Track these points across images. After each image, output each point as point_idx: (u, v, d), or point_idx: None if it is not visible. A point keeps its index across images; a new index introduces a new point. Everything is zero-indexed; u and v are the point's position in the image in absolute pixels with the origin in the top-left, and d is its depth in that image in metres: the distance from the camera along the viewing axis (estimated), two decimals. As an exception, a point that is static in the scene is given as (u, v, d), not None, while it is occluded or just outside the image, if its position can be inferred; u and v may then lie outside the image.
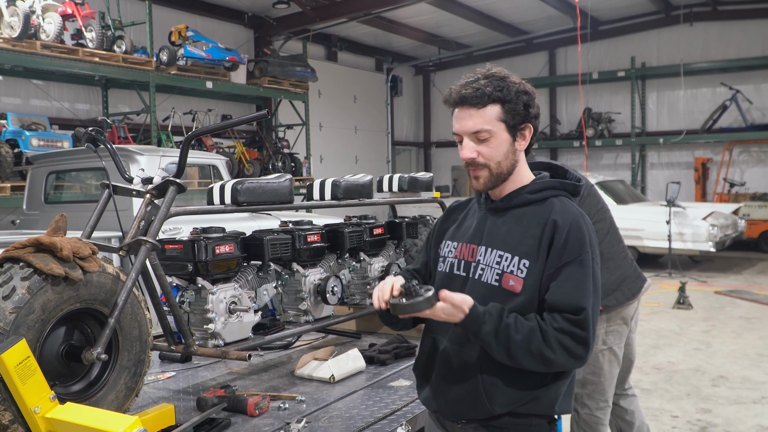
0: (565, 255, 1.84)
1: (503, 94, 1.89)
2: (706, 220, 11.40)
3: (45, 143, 7.77)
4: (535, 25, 15.96)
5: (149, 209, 2.74)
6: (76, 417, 2.02)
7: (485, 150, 1.89)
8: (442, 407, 1.98)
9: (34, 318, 2.14)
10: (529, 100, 1.93)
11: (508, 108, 1.89)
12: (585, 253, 1.85)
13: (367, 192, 3.80)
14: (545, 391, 1.89)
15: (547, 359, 1.80)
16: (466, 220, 2.07)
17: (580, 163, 16.19)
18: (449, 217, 2.15)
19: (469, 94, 1.88)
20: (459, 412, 1.94)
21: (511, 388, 1.86)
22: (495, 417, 1.88)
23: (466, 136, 1.90)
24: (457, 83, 1.94)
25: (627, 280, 3.36)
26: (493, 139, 1.89)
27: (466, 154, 1.90)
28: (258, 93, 12.18)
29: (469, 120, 1.88)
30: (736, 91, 15.21)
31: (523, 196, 1.95)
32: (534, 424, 1.91)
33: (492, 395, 1.87)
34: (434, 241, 2.14)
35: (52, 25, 8.21)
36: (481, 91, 1.87)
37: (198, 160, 6.75)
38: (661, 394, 5.64)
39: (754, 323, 8.13)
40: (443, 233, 2.11)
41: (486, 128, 1.88)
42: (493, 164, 1.90)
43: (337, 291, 3.53)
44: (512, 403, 1.87)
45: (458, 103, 1.91)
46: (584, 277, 1.84)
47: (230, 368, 3.49)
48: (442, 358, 1.97)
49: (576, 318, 1.80)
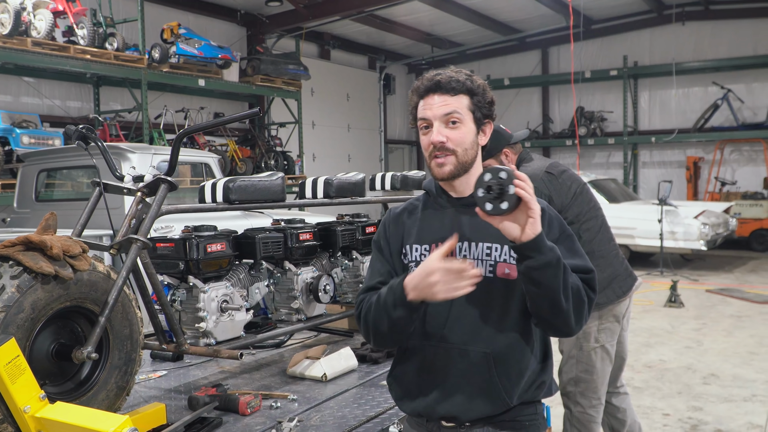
0: (552, 233, 1.89)
1: (473, 85, 1.92)
2: (698, 219, 11.45)
3: (36, 141, 7.73)
4: (528, 23, 15.98)
5: (140, 207, 2.73)
6: (67, 416, 2.01)
7: (454, 135, 1.89)
8: (452, 411, 1.89)
9: (23, 317, 2.13)
10: (492, 98, 1.97)
11: (476, 100, 1.92)
12: (567, 229, 1.95)
13: (360, 190, 3.79)
14: (545, 375, 1.93)
15: (582, 302, 1.81)
16: (426, 222, 1.99)
17: (572, 161, 16.24)
18: (398, 222, 2.04)
19: (444, 80, 1.90)
20: (473, 412, 1.88)
21: (521, 376, 1.88)
22: (504, 411, 1.88)
23: (437, 121, 1.90)
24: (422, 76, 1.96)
25: (618, 278, 3.37)
26: (462, 126, 1.90)
27: (436, 138, 1.89)
28: (250, 91, 12.14)
29: (441, 104, 1.90)
30: (727, 90, 15.29)
31: None
32: (538, 411, 1.95)
33: (508, 387, 1.86)
34: (392, 248, 2.01)
35: (43, 22, 8.15)
36: (455, 79, 1.90)
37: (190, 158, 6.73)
38: (653, 392, 5.67)
39: (745, 321, 8.17)
40: (400, 238, 2.01)
41: (458, 111, 1.90)
42: (461, 150, 1.90)
43: (329, 289, 3.53)
44: (525, 391, 1.89)
45: (431, 90, 1.91)
46: (577, 246, 1.93)
47: (222, 367, 3.48)
48: (444, 361, 1.90)
49: (587, 277, 1.88)
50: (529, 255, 1.71)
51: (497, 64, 17.85)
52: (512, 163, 3.53)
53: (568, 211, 3.29)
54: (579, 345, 3.36)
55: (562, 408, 3.51)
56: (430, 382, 1.92)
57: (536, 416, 1.94)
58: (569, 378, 3.40)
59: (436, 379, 1.92)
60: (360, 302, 1.97)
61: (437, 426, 1.94)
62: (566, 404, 3.46)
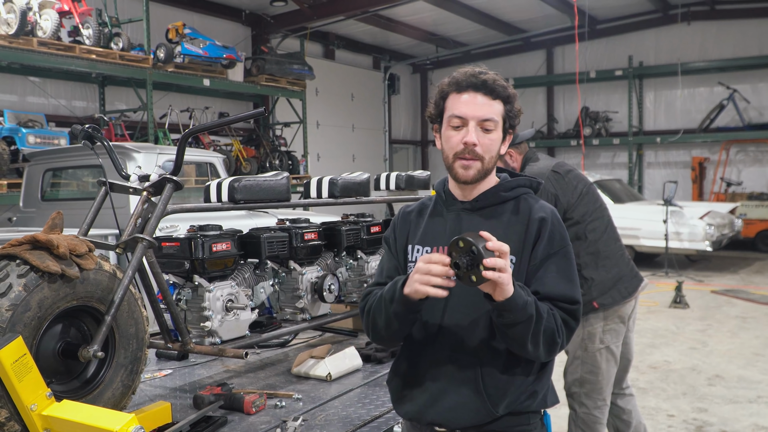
0: (551, 246, 1.88)
1: (509, 93, 1.89)
2: (703, 220, 11.42)
3: (42, 140, 7.75)
4: (533, 23, 15.96)
5: (146, 207, 2.74)
6: (73, 414, 2.02)
7: (486, 141, 1.86)
8: (438, 417, 1.90)
9: (30, 315, 2.14)
10: (519, 108, 1.94)
11: (508, 108, 1.89)
12: (567, 245, 1.91)
13: (364, 190, 3.79)
14: (539, 385, 1.90)
15: (555, 344, 1.80)
16: (431, 224, 1.99)
17: (577, 162, 16.19)
18: (406, 220, 2.06)
19: (490, 81, 1.85)
20: (458, 420, 1.88)
21: (511, 386, 1.86)
22: (494, 420, 1.86)
23: (474, 122, 1.85)
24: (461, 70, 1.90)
25: (624, 278, 3.36)
26: (494, 133, 1.88)
27: (471, 138, 1.83)
28: (255, 91, 12.15)
29: (483, 106, 1.85)
30: (733, 90, 15.23)
31: (499, 195, 1.94)
32: (531, 422, 1.91)
33: (494, 397, 1.85)
34: (398, 246, 2.04)
35: (49, 22, 8.18)
36: (499, 84, 1.87)
37: (195, 157, 6.74)
38: (657, 393, 5.65)
39: (750, 323, 8.14)
40: (405, 237, 2.03)
41: (495, 119, 1.86)
42: (488, 158, 1.88)
43: (334, 289, 3.53)
44: (513, 401, 1.86)
45: (474, 87, 1.85)
46: (572, 269, 1.90)
47: (227, 366, 3.49)
48: (434, 367, 1.91)
49: (571, 308, 1.85)
50: (500, 313, 1.73)
51: (502, 64, 17.81)
52: (517, 163, 3.53)
53: (574, 211, 3.28)
54: (584, 346, 3.35)
55: (567, 409, 3.50)
56: (420, 388, 1.93)
57: (528, 427, 1.90)
58: (574, 379, 3.40)
59: (426, 385, 1.92)
60: (366, 295, 2.00)
61: (430, 430, 1.94)
62: (571, 405, 3.46)
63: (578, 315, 1.86)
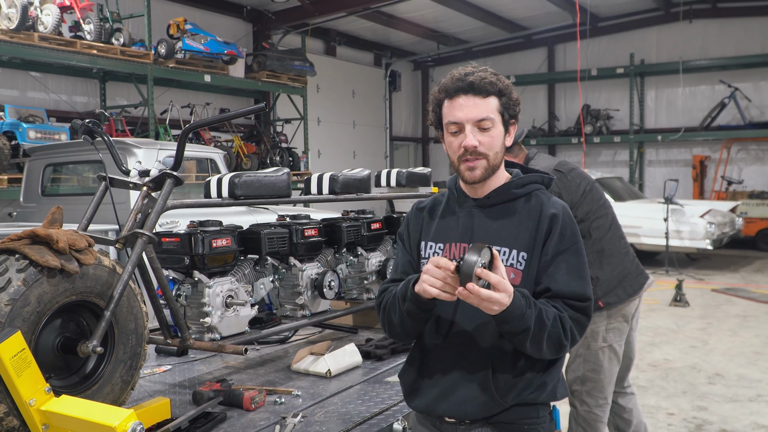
0: (562, 243, 1.89)
1: (502, 86, 1.89)
2: (704, 218, 11.41)
3: (42, 135, 7.74)
4: (535, 21, 15.93)
5: (146, 202, 2.73)
6: (72, 410, 2.01)
7: (486, 139, 1.88)
8: (449, 410, 1.93)
9: (29, 310, 2.13)
10: (517, 97, 1.95)
11: (504, 101, 1.90)
12: (579, 242, 1.93)
13: (365, 187, 3.79)
14: (548, 377, 1.92)
15: (561, 346, 1.83)
16: (444, 220, 2.01)
17: (578, 159, 16.18)
18: (419, 217, 2.08)
19: (476, 82, 1.86)
20: (468, 412, 1.91)
21: (520, 380, 1.88)
22: (503, 411, 1.88)
23: (469, 125, 1.87)
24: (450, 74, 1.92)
25: (628, 276, 3.35)
26: (493, 129, 1.89)
27: (470, 142, 1.86)
28: (256, 87, 12.14)
29: (474, 108, 1.87)
30: (734, 88, 15.21)
31: (510, 192, 1.95)
32: (540, 414, 1.93)
33: (503, 390, 1.87)
34: (411, 242, 2.06)
35: (50, 17, 8.17)
36: (487, 81, 1.87)
37: (196, 153, 6.73)
38: (657, 391, 5.65)
39: (751, 321, 8.14)
40: (419, 233, 2.05)
41: (491, 116, 1.87)
42: (492, 155, 1.89)
43: (334, 285, 3.52)
44: (522, 392, 1.88)
45: (462, 90, 1.87)
46: (583, 266, 1.91)
47: (226, 362, 3.48)
48: (445, 363, 1.94)
49: (582, 305, 1.87)
50: (497, 323, 1.77)
51: (503, 61, 17.79)
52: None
53: (578, 209, 3.27)
54: (587, 344, 3.35)
55: (568, 406, 3.50)
56: (432, 382, 1.97)
57: (538, 419, 1.92)
58: (576, 376, 3.39)
59: (437, 379, 1.96)
60: (382, 291, 2.05)
61: (440, 421, 1.98)
62: (572, 403, 3.45)
63: (589, 312, 1.88)
